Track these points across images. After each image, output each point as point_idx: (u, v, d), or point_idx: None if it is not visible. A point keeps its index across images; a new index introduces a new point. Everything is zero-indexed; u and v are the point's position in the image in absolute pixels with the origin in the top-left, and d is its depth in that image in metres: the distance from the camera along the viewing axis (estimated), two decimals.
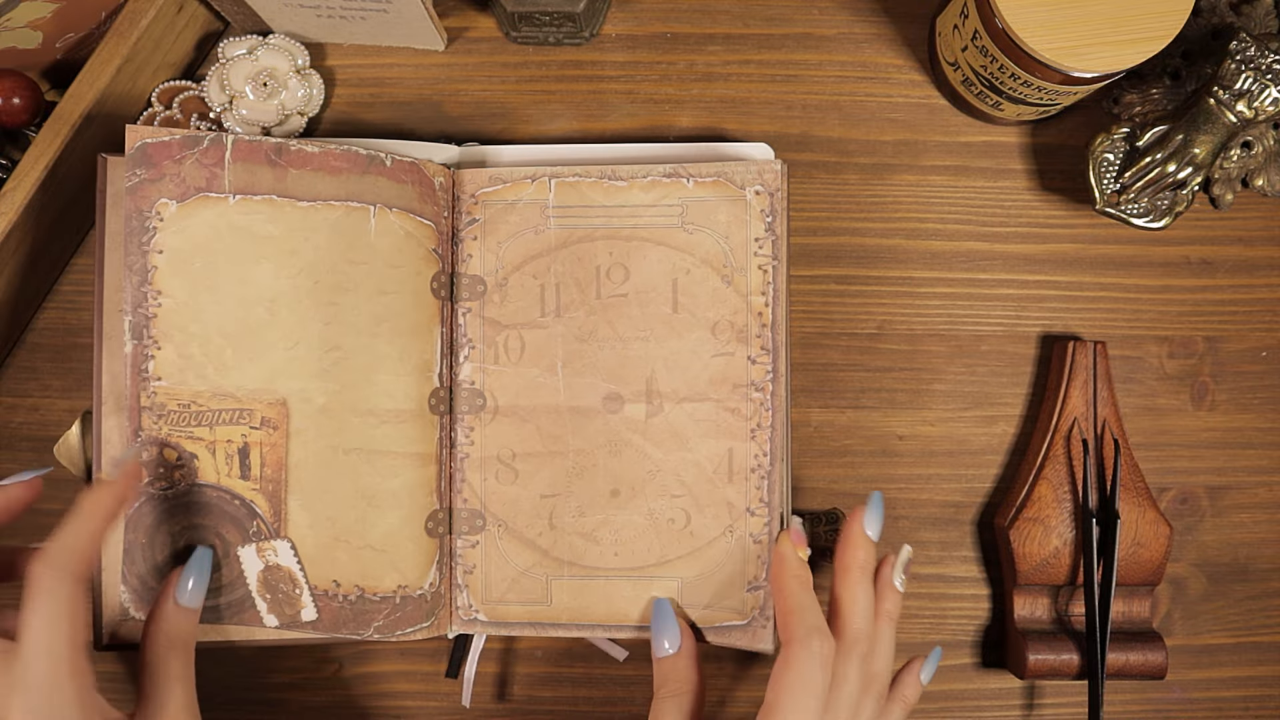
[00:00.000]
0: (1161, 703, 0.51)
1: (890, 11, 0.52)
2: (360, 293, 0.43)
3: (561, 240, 0.46)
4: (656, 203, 0.45)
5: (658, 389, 0.45)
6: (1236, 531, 0.51)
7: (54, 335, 0.51)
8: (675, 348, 0.45)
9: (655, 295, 0.45)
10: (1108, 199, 0.48)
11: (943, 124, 0.51)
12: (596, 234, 0.46)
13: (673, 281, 0.45)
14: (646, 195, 0.45)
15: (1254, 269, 0.51)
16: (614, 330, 0.46)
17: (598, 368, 0.45)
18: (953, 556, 0.51)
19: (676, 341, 0.45)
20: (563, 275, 0.46)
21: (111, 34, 0.45)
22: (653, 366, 0.45)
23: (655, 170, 0.45)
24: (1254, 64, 0.45)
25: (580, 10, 0.47)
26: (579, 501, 0.45)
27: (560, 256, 0.46)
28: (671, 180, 0.45)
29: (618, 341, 0.46)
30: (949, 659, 0.51)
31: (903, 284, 0.51)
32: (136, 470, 0.40)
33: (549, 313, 0.46)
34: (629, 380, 0.45)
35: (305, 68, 0.50)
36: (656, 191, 0.45)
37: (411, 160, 0.44)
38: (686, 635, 0.43)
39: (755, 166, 0.45)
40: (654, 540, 0.45)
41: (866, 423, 0.51)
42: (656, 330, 0.45)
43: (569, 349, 0.46)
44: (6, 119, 0.46)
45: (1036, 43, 0.41)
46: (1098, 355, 0.49)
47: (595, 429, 0.45)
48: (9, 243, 0.44)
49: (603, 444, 0.45)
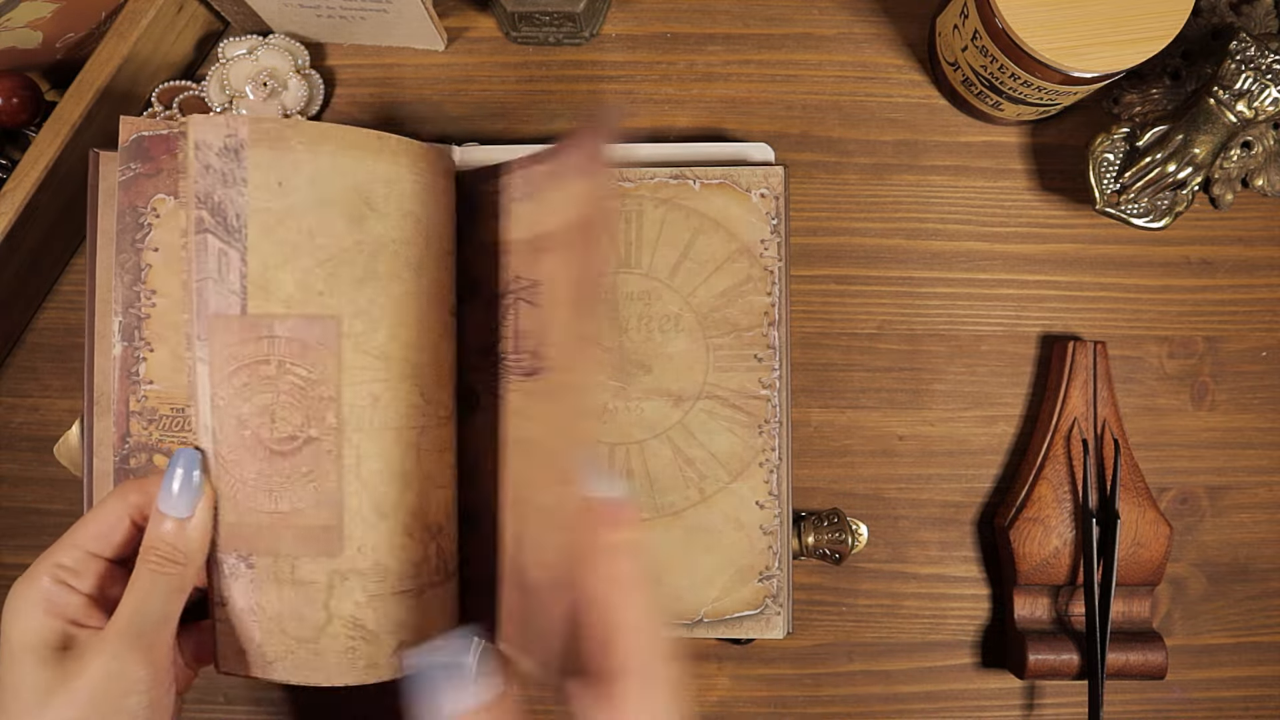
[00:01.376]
0: (1161, 703, 0.51)
1: (890, 11, 0.52)
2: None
3: None
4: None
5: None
6: (1236, 531, 0.51)
7: (54, 335, 0.51)
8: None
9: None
10: (1108, 199, 0.48)
11: (943, 124, 0.51)
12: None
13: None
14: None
15: (1254, 269, 0.51)
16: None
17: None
18: (953, 556, 0.51)
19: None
20: None
21: (111, 34, 0.45)
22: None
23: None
24: (1254, 64, 0.45)
25: (580, 10, 0.47)
26: None
27: None
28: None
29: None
30: (949, 659, 0.51)
31: (903, 284, 0.51)
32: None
33: None
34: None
35: (305, 68, 0.50)
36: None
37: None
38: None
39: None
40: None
41: (866, 423, 0.51)
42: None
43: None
44: (6, 119, 0.46)
45: (1036, 43, 0.41)
46: (1098, 355, 0.49)
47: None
48: (9, 243, 0.44)
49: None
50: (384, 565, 0.39)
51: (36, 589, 0.35)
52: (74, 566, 0.35)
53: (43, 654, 0.34)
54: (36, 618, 0.34)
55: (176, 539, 0.36)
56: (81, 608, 0.35)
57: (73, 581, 0.35)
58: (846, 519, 0.49)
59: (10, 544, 0.51)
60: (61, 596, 0.35)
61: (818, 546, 0.48)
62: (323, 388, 0.38)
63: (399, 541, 0.39)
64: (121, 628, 0.34)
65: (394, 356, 0.39)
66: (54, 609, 0.34)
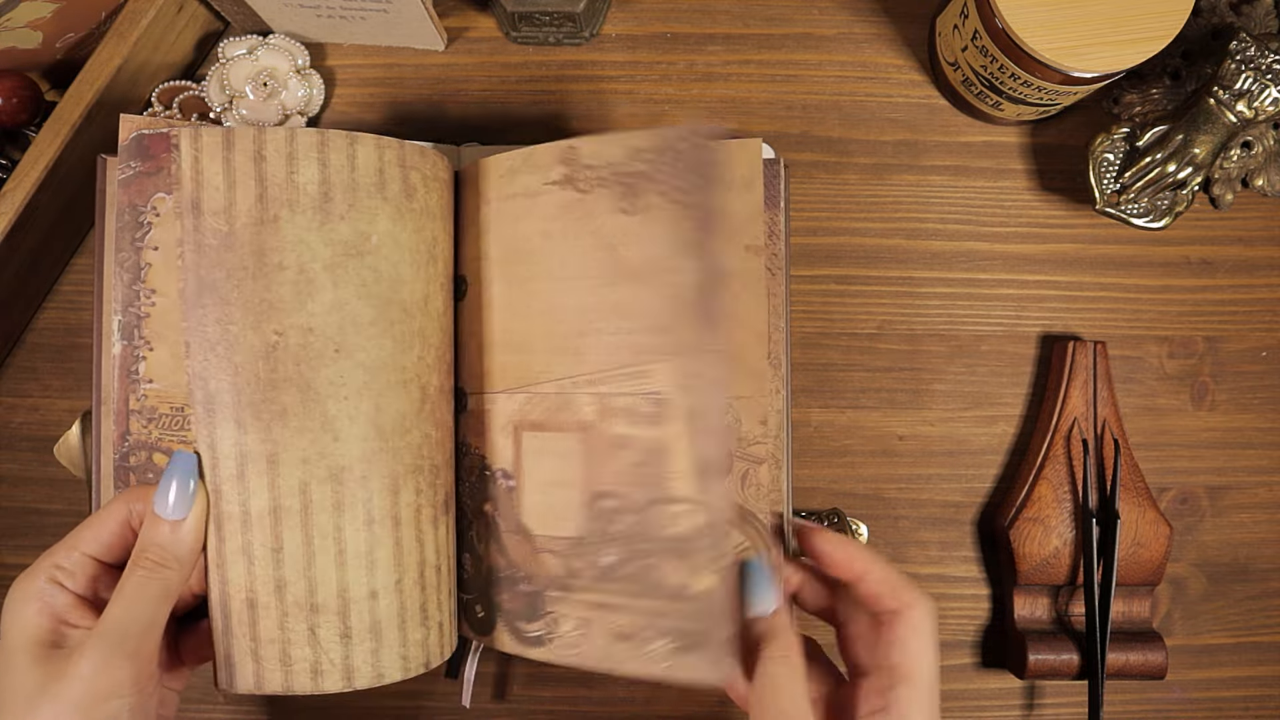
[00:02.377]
0: (1161, 703, 0.51)
1: (890, 11, 0.52)
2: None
3: None
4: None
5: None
6: (1236, 531, 0.51)
7: (54, 335, 0.51)
8: None
9: None
10: (1108, 199, 0.48)
11: (943, 124, 0.51)
12: None
13: None
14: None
15: (1254, 269, 0.51)
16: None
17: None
18: (953, 556, 0.51)
19: None
20: None
21: (111, 34, 0.45)
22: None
23: None
24: (1254, 64, 0.45)
25: (580, 10, 0.47)
26: None
27: None
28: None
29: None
30: (949, 659, 0.51)
31: (903, 284, 0.51)
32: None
33: None
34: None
35: (305, 68, 0.50)
36: None
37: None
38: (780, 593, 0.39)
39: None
40: None
41: (866, 423, 0.51)
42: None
43: None
44: (6, 119, 0.46)
45: (1036, 43, 0.41)
46: (1098, 355, 0.49)
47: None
48: (9, 243, 0.44)
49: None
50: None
51: (33, 587, 0.35)
52: (70, 568, 0.36)
53: (35, 652, 0.34)
54: (30, 615, 0.34)
55: (169, 542, 0.36)
56: (73, 607, 0.35)
57: (66, 581, 0.35)
58: (846, 519, 0.49)
59: (10, 544, 0.51)
60: (54, 595, 0.35)
61: None
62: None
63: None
64: (107, 630, 0.34)
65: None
66: (46, 607, 0.35)
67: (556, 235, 0.41)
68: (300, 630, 0.38)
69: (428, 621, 0.40)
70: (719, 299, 0.38)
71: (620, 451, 0.39)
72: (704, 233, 0.38)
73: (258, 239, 0.39)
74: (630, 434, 0.38)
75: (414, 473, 0.40)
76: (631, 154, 0.39)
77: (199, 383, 0.38)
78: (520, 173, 0.42)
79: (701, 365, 0.37)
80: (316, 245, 0.39)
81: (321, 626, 0.38)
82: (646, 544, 0.38)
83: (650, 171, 0.39)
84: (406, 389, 0.40)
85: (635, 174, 0.39)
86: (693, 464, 0.37)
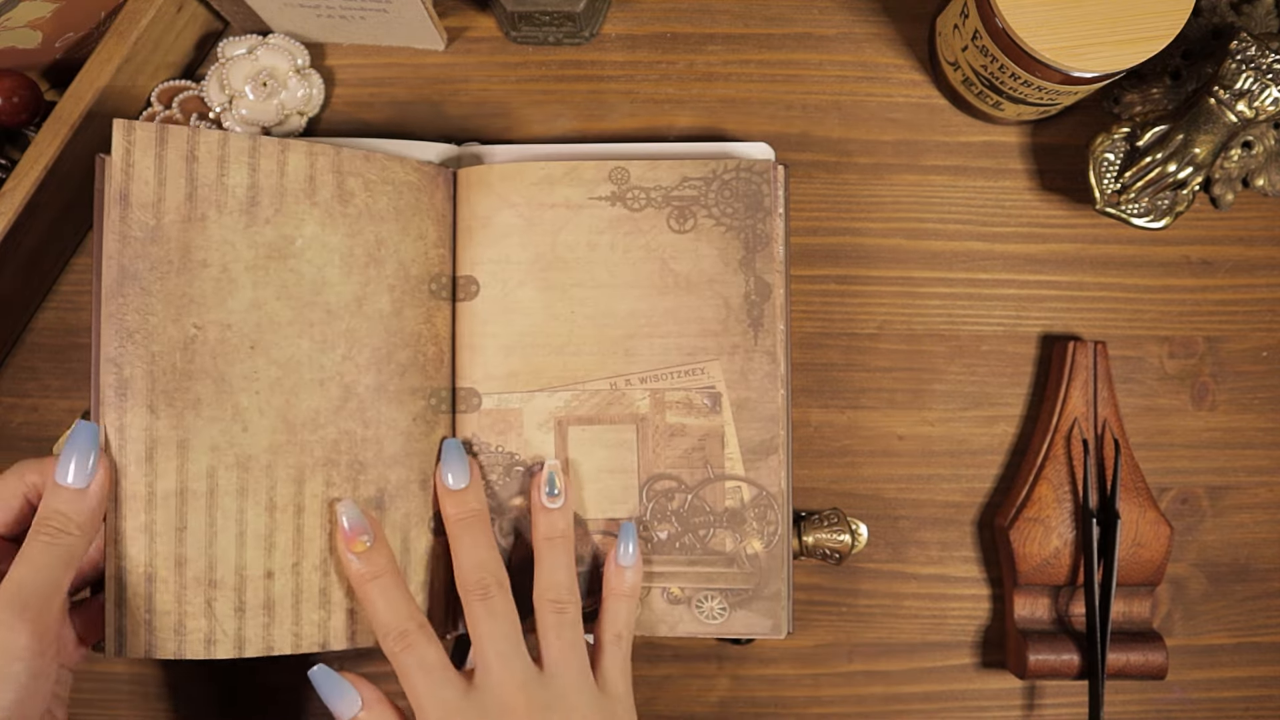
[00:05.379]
0: (1162, 703, 0.51)
1: (890, 11, 0.52)
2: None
3: None
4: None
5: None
6: (1237, 531, 0.51)
7: (54, 335, 0.51)
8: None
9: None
10: (1108, 199, 0.48)
11: (943, 124, 0.51)
12: None
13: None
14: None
15: (1254, 269, 0.51)
16: None
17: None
18: (953, 556, 0.51)
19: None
20: None
21: (111, 34, 0.45)
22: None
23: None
24: (1254, 64, 0.45)
25: (580, 10, 0.47)
26: None
27: None
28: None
29: None
30: (949, 659, 0.51)
31: (903, 284, 0.51)
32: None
33: None
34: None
35: (305, 67, 0.50)
36: None
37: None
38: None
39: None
40: None
41: (866, 423, 0.51)
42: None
43: None
44: (6, 119, 0.46)
45: (1036, 43, 0.41)
46: (1098, 355, 0.49)
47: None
48: (9, 243, 0.44)
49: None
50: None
51: None
52: None
53: None
54: None
55: (72, 510, 0.37)
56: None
57: None
58: (846, 519, 0.49)
59: None
60: None
61: (818, 546, 0.48)
62: None
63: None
64: (8, 596, 0.35)
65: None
66: None
67: (604, 247, 0.45)
68: (198, 603, 0.40)
69: (328, 605, 0.42)
70: (763, 309, 0.45)
71: (676, 439, 0.44)
72: (749, 251, 0.45)
73: (184, 236, 0.40)
74: (686, 423, 0.44)
75: (325, 466, 0.41)
76: (681, 180, 0.45)
77: (111, 367, 0.39)
78: (560, 184, 0.45)
79: (748, 364, 0.44)
80: (240, 246, 0.41)
81: (218, 600, 0.40)
82: (700, 517, 0.44)
83: (699, 197, 0.45)
84: (324, 387, 0.42)
85: (685, 198, 0.45)
86: (742, 448, 0.44)
